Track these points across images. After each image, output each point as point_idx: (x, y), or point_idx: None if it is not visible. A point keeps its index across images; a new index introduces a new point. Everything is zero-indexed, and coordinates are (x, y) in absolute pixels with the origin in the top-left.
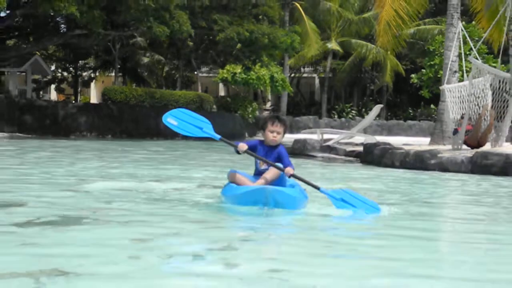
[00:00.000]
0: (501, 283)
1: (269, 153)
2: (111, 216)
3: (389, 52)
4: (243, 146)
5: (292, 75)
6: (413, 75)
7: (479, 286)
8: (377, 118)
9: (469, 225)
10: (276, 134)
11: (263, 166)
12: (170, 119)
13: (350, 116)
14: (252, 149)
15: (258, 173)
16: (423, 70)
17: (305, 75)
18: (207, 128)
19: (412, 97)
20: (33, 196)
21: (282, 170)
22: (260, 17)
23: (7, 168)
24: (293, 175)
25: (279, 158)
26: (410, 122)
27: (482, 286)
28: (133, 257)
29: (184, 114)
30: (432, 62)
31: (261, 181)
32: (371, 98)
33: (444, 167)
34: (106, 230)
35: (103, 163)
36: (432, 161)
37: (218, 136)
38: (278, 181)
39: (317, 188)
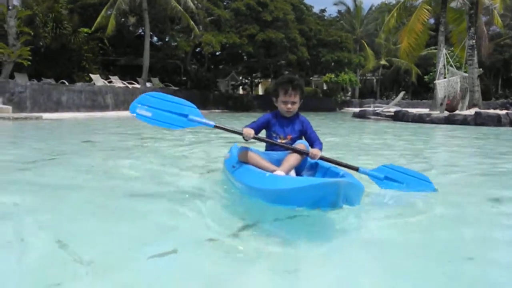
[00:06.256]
0: None
1: (288, 126)
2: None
3: (413, 65)
4: (249, 132)
5: (361, 78)
6: (425, 76)
7: None
8: (407, 98)
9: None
10: (291, 105)
11: (282, 141)
12: (141, 111)
13: (392, 98)
14: (264, 127)
15: (272, 148)
16: (430, 73)
17: (368, 77)
18: (193, 113)
19: (426, 87)
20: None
21: (306, 153)
22: (344, 48)
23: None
24: (322, 158)
25: (303, 131)
26: (424, 101)
27: None
28: None
29: (158, 100)
30: (434, 69)
31: (284, 166)
32: (402, 89)
33: (434, 121)
34: None
35: None
36: (427, 118)
37: (212, 123)
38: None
39: (356, 169)
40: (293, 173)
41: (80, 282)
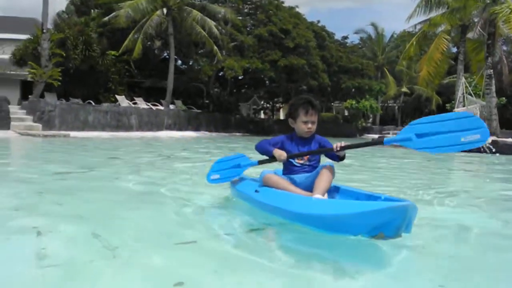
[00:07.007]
0: None
1: (304, 147)
2: None
3: (434, 93)
4: (280, 153)
5: (382, 104)
6: (447, 104)
7: None
8: None
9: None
10: (311, 125)
11: (300, 161)
12: (213, 176)
13: None
14: (278, 147)
15: (290, 171)
16: (453, 101)
17: (389, 104)
18: (243, 161)
19: None
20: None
21: (330, 149)
22: (364, 75)
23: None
24: (343, 147)
25: (322, 147)
26: None
27: None
28: None
29: (221, 163)
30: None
31: (318, 190)
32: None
33: None
34: None
35: None
36: None
37: (255, 162)
38: None
39: (381, 142)
40: (326, 196)
41: (108, 262)
